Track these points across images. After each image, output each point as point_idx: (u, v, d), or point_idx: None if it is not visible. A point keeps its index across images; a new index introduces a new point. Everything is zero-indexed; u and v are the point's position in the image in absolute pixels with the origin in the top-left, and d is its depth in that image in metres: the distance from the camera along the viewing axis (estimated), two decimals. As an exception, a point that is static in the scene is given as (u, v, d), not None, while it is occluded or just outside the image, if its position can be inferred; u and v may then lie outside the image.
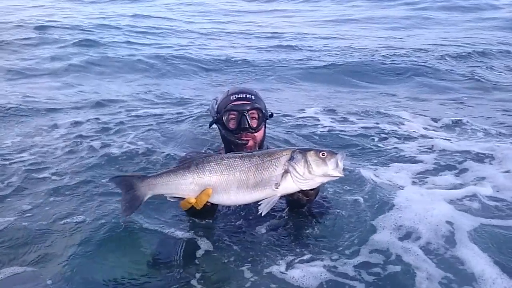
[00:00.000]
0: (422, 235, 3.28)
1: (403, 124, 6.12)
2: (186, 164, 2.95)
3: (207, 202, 2.93)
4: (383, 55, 10.79)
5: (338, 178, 2.92)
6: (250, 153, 2.97)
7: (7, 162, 4.78)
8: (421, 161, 4.80)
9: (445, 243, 3.21)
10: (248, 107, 3.46)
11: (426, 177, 4.40)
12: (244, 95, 3.53)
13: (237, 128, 3.46)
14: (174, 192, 2.94)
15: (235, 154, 2.99)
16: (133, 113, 6.58)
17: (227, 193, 2.91)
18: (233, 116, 3.48)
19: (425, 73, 9.44)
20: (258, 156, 2.92)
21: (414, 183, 4.26)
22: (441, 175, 4.46)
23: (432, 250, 3.15)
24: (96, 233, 3.38)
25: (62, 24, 14.44)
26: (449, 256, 3.09)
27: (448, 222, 3.42)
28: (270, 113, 3.65)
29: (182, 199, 2.95)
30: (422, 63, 9.99)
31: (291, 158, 2.88)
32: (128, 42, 12.58)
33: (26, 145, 5.26)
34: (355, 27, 15.85)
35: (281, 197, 2.98)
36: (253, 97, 3.54)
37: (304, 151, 2.89)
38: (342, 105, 7.31)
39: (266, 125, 3.69)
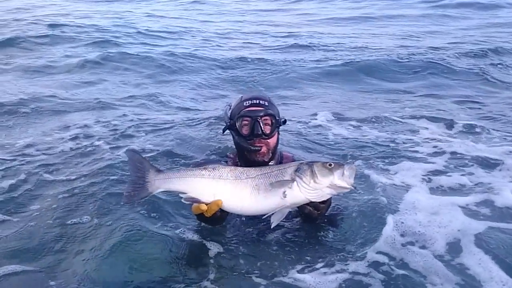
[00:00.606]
0: (433, 241, 3.29)
1: (418, 126, 6.10)
2: (203, 166, 3.01)
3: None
4: (399, 54, 10.70)
5: (347, 190, 2.93)
6: (263, 166, 3.13)
7: (18, 162, 4.84)
8: (434, 165, 4.75)
9: (456, 248, 3.22)
10: (262, 113, 3.46)
11: (439, 182, 4.37)
12: (257, 101, 3.53)
13: (250, 134, 3.46)
14: (188, 190, 2.97)
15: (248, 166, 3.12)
16: (145, 116, 6.59)
17: (239, 200, 2.96)
18: (247, 122, 3.48)
19: (441, 72, 9.35)
20: (269, 167, 3.06)
21: (425, 187, 4.22)
22: (453, 179, 4.42)
23: (443, 255, 3.15)
24: (103, 235, 3.42)
25: (77, 23, 14.48)
26: (459, 261, 3.09)
27: (459, 228, 3.43)
28: (283, 120, 3.64)
29: (196, 201, 2.96)
30: (439, 62, 9.90)
31: (298, 169, 2.94)
32: (143, 43, 12.55)
33: (38, 145, 5.33)
34: (372, 26, 15.73)
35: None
36: (266, 103, 3.54)
37: (311, 163, 2.95)
38: (357, 105, 7.32)
39: (280, 132, 3.69)
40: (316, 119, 6.50)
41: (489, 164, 4.73)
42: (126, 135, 5.72)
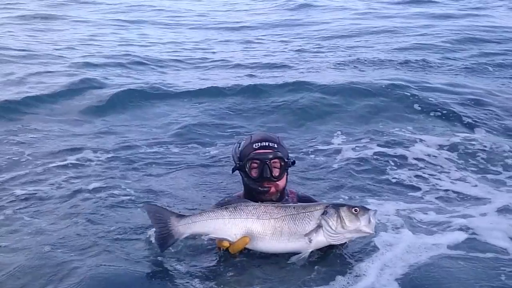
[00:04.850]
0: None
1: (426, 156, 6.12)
2: (225, 206, 3.17)
3: None
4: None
5: (368, 235, 3.11)
6: (286, 204, 3.24)
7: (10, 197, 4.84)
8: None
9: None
10: (271, 156, 3.53)
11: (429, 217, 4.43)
12: (266, 144, 3.60)
13: (260, 177, 3.54)
14: (212, 232, 3.13)
15: (271, 203, 3.24)
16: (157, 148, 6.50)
17: (261, 240, 3.10)
18: (256, 165, 3.56)
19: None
20: (293, 208, 3.15)
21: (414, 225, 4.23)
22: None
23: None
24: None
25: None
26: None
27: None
28: (292, 161, 3.72)
29: (219, 239, 3.14)
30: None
31: (325, 213, 3.07)
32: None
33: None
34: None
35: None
36: (275, 146, 3.61)
37: (337, 206, 3.08)
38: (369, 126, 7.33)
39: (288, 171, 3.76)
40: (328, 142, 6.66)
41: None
42: (135, 169, 5.71)
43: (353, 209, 3.02)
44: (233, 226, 3.08)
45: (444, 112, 7.75)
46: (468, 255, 3.62)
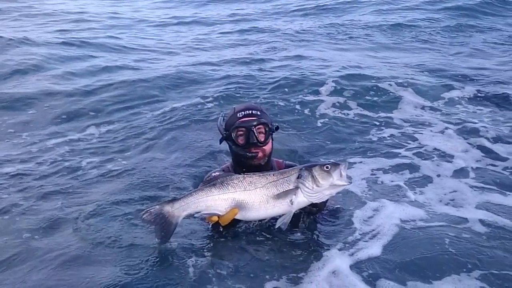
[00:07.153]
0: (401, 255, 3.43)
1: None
2: (212, 182, 3.32)
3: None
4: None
5: (344, 187, 3.25)
6: (266, 172, 3.36)
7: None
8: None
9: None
10: (255, 123, 3.73)
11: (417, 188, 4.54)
12: (250, 112, 3.79)
13: (246, 143, 3.73)
14: (204, 209, 3.29)
15: (254, 173, 3.36)
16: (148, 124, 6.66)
17: (249, 209, 3.28)
18: (241, 132, 3.75)
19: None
20: (273, 175, 3.31)
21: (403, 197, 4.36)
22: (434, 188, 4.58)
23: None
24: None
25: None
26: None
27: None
28: (276, 126, 3.91)
29: (211, 215, 3.29)
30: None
31: (299, 176, 3.24)
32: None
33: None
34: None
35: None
36: (258, 113, 3.80)
37: (309, 168, 3.25)
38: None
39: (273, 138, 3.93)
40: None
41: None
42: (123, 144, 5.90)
43: (324, 167, 3.18)
44: (223, 201, 3.25)
45: (432, 74, 8.04)
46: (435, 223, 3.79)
